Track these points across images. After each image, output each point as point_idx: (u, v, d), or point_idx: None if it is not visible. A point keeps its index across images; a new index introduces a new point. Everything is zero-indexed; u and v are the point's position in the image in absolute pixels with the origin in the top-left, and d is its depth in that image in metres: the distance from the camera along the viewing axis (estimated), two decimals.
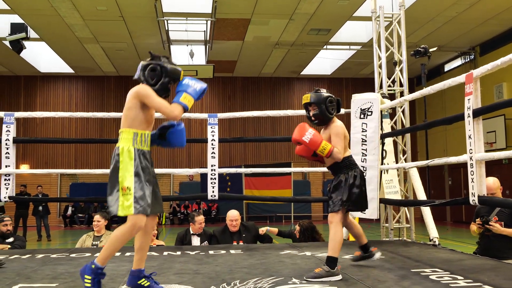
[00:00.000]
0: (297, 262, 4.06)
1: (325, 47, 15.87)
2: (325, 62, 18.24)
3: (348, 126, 5.43)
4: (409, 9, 10.20)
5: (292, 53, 16.43)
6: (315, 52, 16.58)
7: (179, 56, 15.76)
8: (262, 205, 18.10)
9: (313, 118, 3.68)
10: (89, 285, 2.82)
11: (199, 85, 3.03)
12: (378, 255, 3.83)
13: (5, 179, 5.17)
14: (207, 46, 14.68)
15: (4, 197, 5.11)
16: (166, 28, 13.23)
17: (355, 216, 5.44)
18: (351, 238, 6.20)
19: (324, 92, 3.69)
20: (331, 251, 3.42)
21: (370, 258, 3.82)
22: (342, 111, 5.63)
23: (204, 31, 13.61)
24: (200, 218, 5.81)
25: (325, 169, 6.56)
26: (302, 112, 5.91)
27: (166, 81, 3.02)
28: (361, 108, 5.17)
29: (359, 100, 5.23)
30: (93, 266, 2.84)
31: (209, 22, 13.07)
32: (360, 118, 5.18)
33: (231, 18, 13.05)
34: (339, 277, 3.34)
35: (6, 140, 5.11)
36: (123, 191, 2.88)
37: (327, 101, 3.64)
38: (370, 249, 3.82)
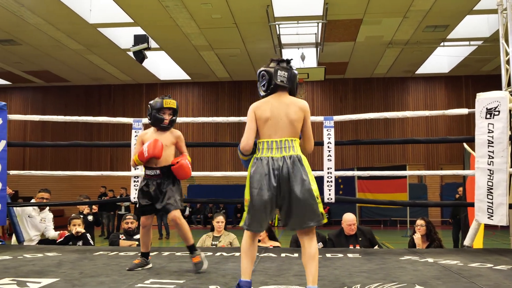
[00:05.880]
0: (419, 268, 3.91)
1: (442, 44, 15.14)
2: (442, 60, 17.41)
3: (472, 126, 5.13)
4: None
5: (406, 52, 15.88)
6: (431, 50, 15.89)
7: (290, 59, 15.90)
8: (375, 209, 17.67)
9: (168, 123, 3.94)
10: None
11: None
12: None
13: (134, 181, 5.54)
14: (318, 49, 14.65)
15: (134, 197, 5.47)
16: (278, 33, 13.41)
17: (481, 222, 5.12)
18: (475, 246, 5.85)
19: None
20: (191, 240, 3.77)
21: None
22: (466, 110, 5.34)
23: (315, 33, 13.60)
24: None
25: (443, 172, 6.27)
26: (420, 113, 5.70)
27: None
28: (487, 108, 4.85)
29: (484, 99, 4.92)
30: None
31: (320, 24, 13.05)
32: (486, 118, 4.86)
33: (342, 19, 12.92)
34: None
35: (134, 144, 5.46)
36: (318, 199, 2.79)
37: None
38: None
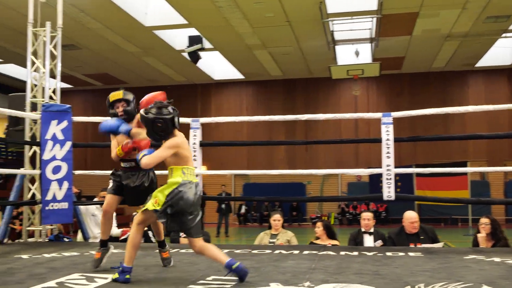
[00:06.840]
0: (485, 268, 3.79)
1: (503, 35, 14.55)
2: (503, 52, 16.72)
3: None
4: None
5: (465, 45, 15.34)
6: (491, 42, 15.29)
7: (344, 56, 15.71)
8: (435, 207, 17.14)
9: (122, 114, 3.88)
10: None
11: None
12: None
13: None
14: (373, 44, 14.39)
15: None
16: (331, 29, 13.27)
17: None
18: None
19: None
20: (162, 235, 3.99)
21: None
22: None
23: (370, 28, 13.37)
24: (366, 215, 5.82)
25: (507, 168, 6.03)
26: (483, 107, 5.50)
27: None
28: None
29: None
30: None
31: (374, 19, 12.81)
32: None
33: (398, 13, 12.64)
34: None
35: (193, 144, 5.58)
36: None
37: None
38: None
